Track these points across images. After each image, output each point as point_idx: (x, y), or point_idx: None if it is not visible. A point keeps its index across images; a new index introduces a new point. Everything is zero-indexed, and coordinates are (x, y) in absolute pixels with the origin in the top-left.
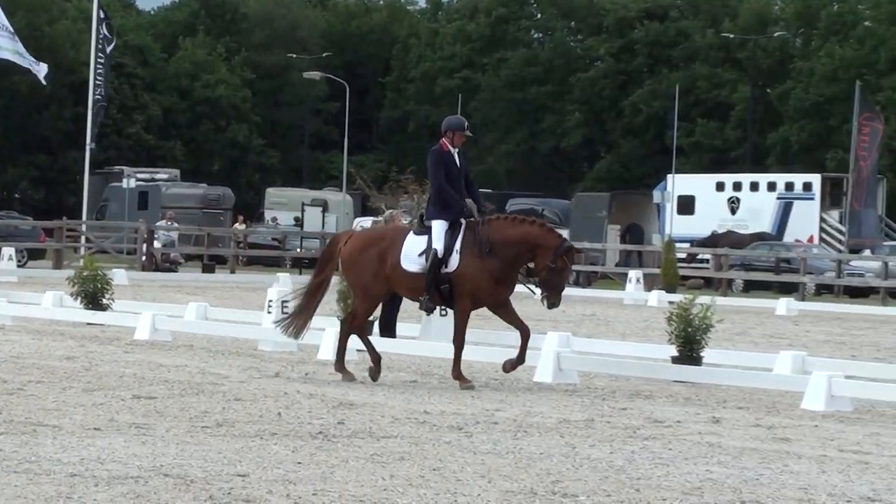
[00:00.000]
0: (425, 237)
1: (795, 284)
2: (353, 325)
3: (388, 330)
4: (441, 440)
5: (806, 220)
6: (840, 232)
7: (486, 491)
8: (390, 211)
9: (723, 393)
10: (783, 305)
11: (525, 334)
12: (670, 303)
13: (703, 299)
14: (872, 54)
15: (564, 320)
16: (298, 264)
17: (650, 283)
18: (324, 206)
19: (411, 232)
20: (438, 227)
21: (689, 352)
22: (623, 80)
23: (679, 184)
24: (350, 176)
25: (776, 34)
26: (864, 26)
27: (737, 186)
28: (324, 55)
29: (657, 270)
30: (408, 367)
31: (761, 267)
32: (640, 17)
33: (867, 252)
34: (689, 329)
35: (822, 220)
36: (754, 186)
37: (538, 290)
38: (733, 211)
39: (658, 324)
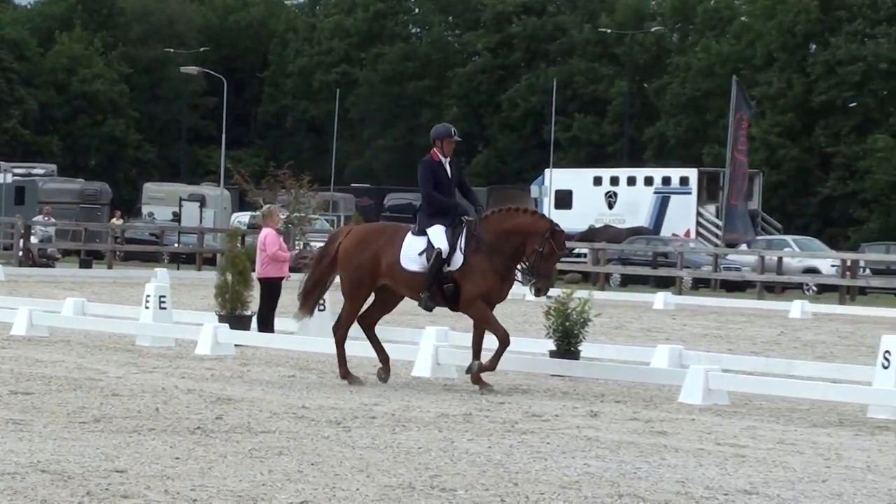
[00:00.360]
0: (425, 238)
1: (672, 278)
2: (342, 325)
3: (266, 325)
4: (319, 435)
5: (683, 215)
6: (716, 226)
7: (364, 485)
8: (268, 206)
9: (600, 387)
10: (660, 299)
11: (478, 340)
12: (548, 297)
13: (581, 293)
14: (748, 49)
15: (442, 315)
16: (176, 259)
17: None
18: (201, 201)
19: (409, 232)
20: (436, 230)
21: (566, 346)
22: (501, 74)
23: (557, 178)
24: (228, 171)
25: (653, 29)
26: (740, 21)
27: (614, 181)
28: (201, 50)
29: None
30: (286, 362)
31: (638, 261)
32: (518, 11)
33: (743, 246)
34: (567, 323)
35: (699, 214)
36: (631, 181)
37: (526, 278)
38: (611, 205)
39: (536, 318)
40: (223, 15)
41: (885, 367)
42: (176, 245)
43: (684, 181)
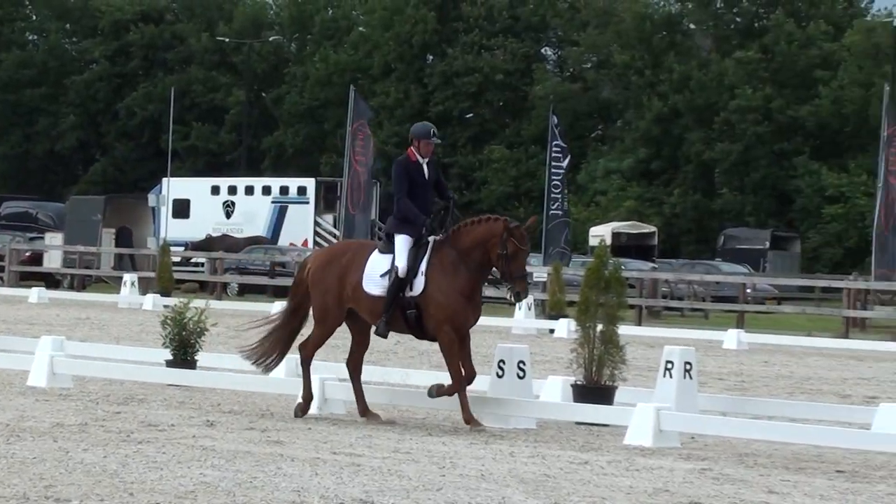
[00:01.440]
0: (390, 256)
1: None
2: (306, 352)
3: None
4: None
5: (301, 224)
6: (334, 236)
7: None
8: None
9: (217, 396)
10: (277, 308)
11: (468, 378)
12: (165, 306)
13: (198, 303)
14: (366, 59)
15: (59, 324)
16: None
17: (145, 287)
18: None
19: (376, 250)
20: (401, 242)
21: (183, 355)
22: (118, 82)
23: (174, 187)
24: None
25: (271, 38)
26: (358, 32)
27: (232, 190)
28: None
29: (153, 274)
30: None
31: (256, 270)
32: (136, 19)
33: None
34: (184, 333)
35: (317, 223)
36: (249, 190)
37: (503, 286)
38: (228, 215)
39: (153, 327)
40: None
41: (500, 376)
42: None
43: (302, 191)
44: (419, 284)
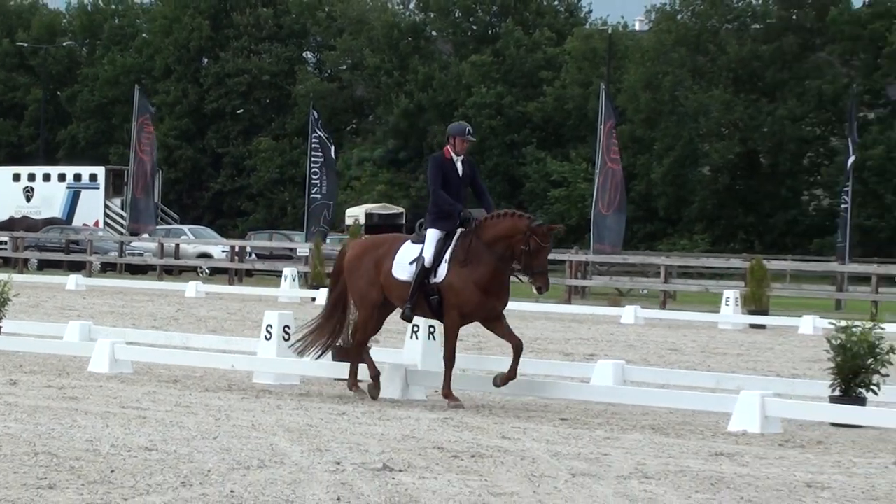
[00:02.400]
0: (420, 246)
1: (83, 263)
2: (357, 338)
3: None
4: None
5: (92, 207)
6: (122, 217)
7: None
8: None
9: (20, 358)
10: (73, 281)
11: (517, 348)
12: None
13: (1, 276)
14: (149, 62)
15: None
16: None
17: None
18: None
19: (409, 240)
20: (431, 235)
21: None
22: None
23: None
24: None
25: (65, 44)
26: (142, 38)
27: (31, 177)
28: None
29: None
30: None
31: (53, 248)
32: None
33: (146, 235)
34: None
35: (107, 206)
36: (47, 177)
37: (525, 278)
38: (28, 199)
39: None
40: None
41: (268, 339)
42: None
43: (94, 177)
44: (442, 272)
